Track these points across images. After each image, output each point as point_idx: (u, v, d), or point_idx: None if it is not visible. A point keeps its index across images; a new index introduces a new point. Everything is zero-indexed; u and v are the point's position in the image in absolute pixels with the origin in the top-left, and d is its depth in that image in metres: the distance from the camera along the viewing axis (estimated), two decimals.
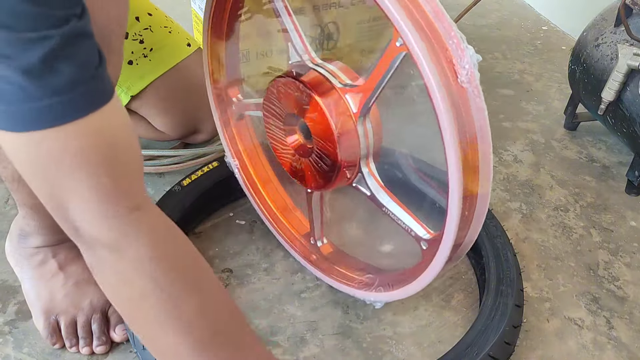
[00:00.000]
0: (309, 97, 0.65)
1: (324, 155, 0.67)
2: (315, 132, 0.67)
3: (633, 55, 0.93)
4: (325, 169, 0.68)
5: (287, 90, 0.68)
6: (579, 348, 0.77)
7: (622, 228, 0.97)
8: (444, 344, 0.76)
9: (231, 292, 0.82)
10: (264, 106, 0.73)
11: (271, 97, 0.71)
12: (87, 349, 0.72)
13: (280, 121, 0.71)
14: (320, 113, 0.64)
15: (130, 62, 0.95)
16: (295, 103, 0.68)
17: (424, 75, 0.51)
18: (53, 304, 0.73)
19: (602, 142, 1.18)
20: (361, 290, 0.75)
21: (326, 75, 0.66)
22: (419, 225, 0.65)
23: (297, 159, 0.72)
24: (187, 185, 0.88)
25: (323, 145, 0.66)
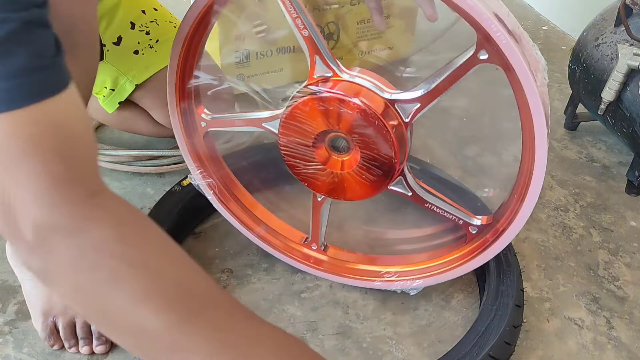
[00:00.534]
0: (365, 113, 0.64)
1: (375, 167, 0.68)
2: (365, 146, 0.66)
3: (633, 55, 0.93)
4: (372, 179, 0.69)
5: (328, 108, 0.65)
6: (579, 348, 0.77)
7: (622, 228, 0.97)
8: (444, 344, 0.76)
9: (231, 292, 0.82)
10: (283, 125, 0.69)
11: (299, 115, 0.68)
12: (87, 348, 0.72)
13: (309, 138, 0.69)
14: (378, 128, 0.64)
15: (136, 52, 0.96)
16: (339, 119, 0.66)
17: (525, 88, 0.58)
18: (52, 305, 0.73)
19: (602, 142, 1.18)
20: (396, 282, 0.78)
21: (373, 88, 0.66)
22: (469, 215, 0.73)
23: (328, 174, 0.71)
24: (187, 185, 0.88)
25: (375, 157, 0.67)
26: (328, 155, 0.70)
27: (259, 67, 1.21)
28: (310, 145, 0.69)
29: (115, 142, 1.08)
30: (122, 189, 0.99)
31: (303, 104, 0.66)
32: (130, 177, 1.01)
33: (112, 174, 1.01)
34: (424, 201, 0.73)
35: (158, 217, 0.82)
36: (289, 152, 0.71)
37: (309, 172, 0.72)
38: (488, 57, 0.59)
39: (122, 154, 1.01)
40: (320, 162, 0.71)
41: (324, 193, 0.74)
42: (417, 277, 0.78)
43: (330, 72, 0.67)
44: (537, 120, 0.59)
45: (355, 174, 0.69)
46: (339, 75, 0.66)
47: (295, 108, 0.67)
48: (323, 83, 0.66)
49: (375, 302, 0.81)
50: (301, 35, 0.65)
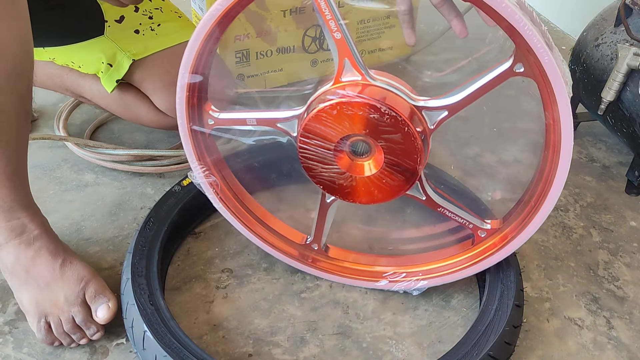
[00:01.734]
0: (394, 119, 0.64)
1: (398, 172, 0.68)
2: (390, 151, 0.66)
3: (633, 55, 0.93)
4: (393, 184, 0.69)
5: (357, 112, 0.65)
6: (579, 348, 0.77)
7: (622, 228, 0.97)
8: (444, 344, 0.76)
9: (231, 292, 0.82)
10: (305, 128, 0.68)
11: (325, 118, 0.66)
12: (85, 340, 0.73)
13: (332, 142, 0.68)
14: (406, 135, 0.64)
15: (136, 32, 0.97)
16: (367, 124, 0.65)
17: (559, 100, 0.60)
18: (38, 307, 0.73)
19: (602, 142, 1.18)
20: (399, 283, 0.79)
21: (401, 94, 0.66)
22: (479, 220, 0.75)
23: (347, 177, 0.71)
24: (187, 185, 0.88)
25: (399, 162, 0.67)
26: (350, 159, 0.70)
27: (259, 67, 1.21)
28: (332, 149, 0.69)
29: (115, 141, 1.08)
30: (122, 188, 0.99)
31: (331, 108, 0.65)
32: (130, 177, 1.01)
33: (112, 174, 1.01)
34: (436, 205, 0.74)
35: (158, 217, 0.82)
36: (308, 154, 0.70)
37: (326, 176, 0.71)
38: (524, 70, 0.60)
39: (122, 153, 1.01)
40: (341, 166, 0.70)
41: (339, 196, 0.73)
42: (421, 278, 0.78)
43: (359, 76, 0.66)
44: (566, 136, 0.61)
45: (376, 178, 0.69)
46: (367, 80, 0.66)
47: (321, 111, 0.66)
48: (351, 87, 0.66)
49: (375, 302, 0.81)
50: (333, 38, 0.64)
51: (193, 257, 0.87)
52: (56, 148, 1.06)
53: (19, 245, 0.73)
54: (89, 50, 0.96)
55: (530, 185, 0.72)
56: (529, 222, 0.70)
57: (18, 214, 0.73)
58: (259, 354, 0.74)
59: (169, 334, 0.68)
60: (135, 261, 0.76)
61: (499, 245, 0.74)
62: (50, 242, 0.75)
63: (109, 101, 1.01)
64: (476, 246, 0.76)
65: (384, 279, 0.80)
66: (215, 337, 0.76)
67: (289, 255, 0.83)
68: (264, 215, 0.85)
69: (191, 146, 0.78)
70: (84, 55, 0.97)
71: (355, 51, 0.65)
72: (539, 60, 0.57)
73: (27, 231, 0.73)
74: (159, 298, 0.72)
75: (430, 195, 0.73)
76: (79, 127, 1.12)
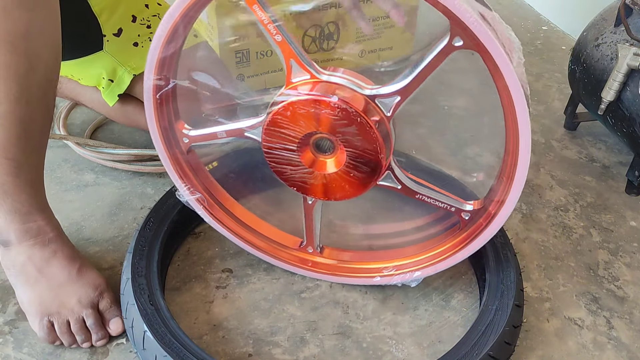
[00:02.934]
0: (346, 112, 0.64)
1: (361, 164, 0.68)
2: (350, 144, 0.67)
3: (633, 55, 0.93)
4: (360, 177, 0.69)
5: (309, 110, 0.65)
6: (579, 348, 0.77)
7: (622, 228, 0.97)
8: (444, 344, 0.76)
9: (231, 292, 0.82)
10: (266, 132, 0.69)
11: (281, 121, 0.67)
12: (87, 343, 0.73)
13: (294, 143, 0.69)
14: (361, 126, 0.64)
15: (135, 44, 0.97)
16: (321, 121, 0.66)
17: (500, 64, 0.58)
18: (44, 307, 0.73)
19: (602, 142, 1.18)
20: (395, 276, 0.78)
21: (351, 86, 0.66)
22: (460, 201, 0.74)
23: (315, 176, 0.71)
24: None
25: (360, 154, 0.67)
26: (314, 158, 0.70)
27: (259, 67, 1.21)
28: (295, 150, 0.70)
29: (116, 141, 1.08)
30: (122, 188, 0.99)
31: (284, 109, 0.66)
32: (130, 177, 1.01)
33: (112, 174, 1.01)
34: (414, 193, 0.73)
35: (158, 217, 0.82)
36: (275, 158, 0.71)
37: (296, 177, 0.72)
38: (463, 43, 0.59)
39: (122, 153, 1.01)
40: (307, 166, 0.71)
41: (315, 195, 0.74)
42: (415, 269, 0.78)
43: (308, 75, 0.66)
44: (517, 99, 0.60)
45: (343, 173, 0.70)
46: (316, 77, 0.66)
47: (276, 114, 0.67)
48: (301, 86, 0.66)
49: (375, 302, 0.81)
50: (274, 41, 0.65)
51: (193, 257, 0.87)
52: (56, 148, 1.06)
53: (33, 245, 0.74)
54: (89, 66, 0.96)
55: (502, 160, 0.72)
56: (507, 196, 0.69)
57: (35, 217, 0.74)
58: (259, 354, 0.74)
59: (169, 334, 0.68)
60: (135, 261, 0.76)
61: (484, 224, 0.73)
62: (65, 245, 0.77)
63: (109, 110, 1.02)
64: (463, 229, 0.75)
65: (378, 274, 0.80)
66: (215, 337, 0.76)
67: (286, 261, 0.84)
68: (256, 223, 0.85)
69: (172, 167, 0.78)
70: (84, 70, 0.97)
71: (298, 50, 0.65)
72: (469, 29, 0.56)
73: (42, 233, 0.74)
74: (159, 298, 0.72)
75: (406, 183, 0.72)
76: (79, 127, 1.12)
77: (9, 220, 0.72)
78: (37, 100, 0.65)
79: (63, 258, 0.75)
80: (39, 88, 0.65)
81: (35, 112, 0.66)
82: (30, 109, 0.65)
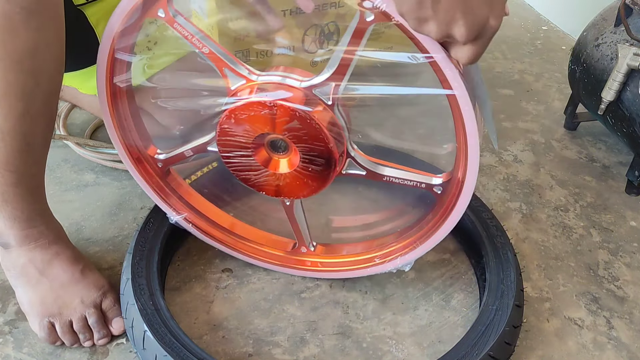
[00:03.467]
0: (283, 109, 0.64)
1: (315, 157, 0.67)
2: (298, 139, 0.66)
3: (633, 55, 0.93)
4: (319, 170, 0.69)
5: (250, 114, 0.66)
6: (579, 348, 0.77)
7: (622, 228, 0.97)
8: (444, 344, 0.76)
9: (231, 292, 0.82)
10: (219, 143, 0.70)
11: (228, 130, 0.68)
12: (89, 342, 0.73)
13: (248, 149, 0.70)
14: (301, 119, 0.64)
15: None
16: (265, 122, 0.66)
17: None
18: (45, 308, 0.73)
19: (602, 142, 1.18)
20: (387, 264, 0.77)
21: (285, 82, 0.65)
22: (428, 176, 0.72)
23: (278, 177, 0.71)
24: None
25: (311, 148, 0.67)
26: (270, 159, 0.71)
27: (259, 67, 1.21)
28: (251, 155, 0.70)
29: None
30: (122, 188, 0.99)
31: (227, 118, 0.67)
32: (130, 177, 1.00)
33: (112, 174, 1.01)
34: (380, 176, 0.72)
35: (158, 217, 0.82)
36: (235, 166, 0.72)
37: (261, 181, 0.73)
38: (374, 17, 0.58)
39: None
40: (266, 168, 0.71)
41: (284, 196, 0.74)
42: (404, 253, 0.77)
43: (243, 80, 0.66)
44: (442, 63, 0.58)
45: (302, 169, 0.69)
46: (251, 80, 0.66)
47: (222, 124, 0.68)
48: (241, 92, 0.66)
49: (375, 302, 0.81)
50: (203, 53, 0.65)
51: (193, 257, 0.87)
52: (56, 148, 1.06)
53: (34, 248, 0.74)
54: (87, 77, 0.96)
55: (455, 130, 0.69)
56: (467, 160, 0.66)
57: (34, 223, 0.74)
58: (259, 354, 0.74)
59: (169, 334, 0.68)
60: (135, 261, 0.76)
61: (456, 193, 0.71)
62: (67, 248, 0.77)
63: None
64: (438, 204, 0.74)
65: (371, 263, 0.79)
66: (215, 337, 0.76)
67: (283, 264, 0.84)
68: (247, 232, 0.85)
69: (153, 192, 0.80)
70: (83, 81, 0.97)
71: (228, 58, 0.65)
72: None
73: (42, 237, 0.75)
74: (159, 298, 0.72)
75: (370, 167, 0.71)
76: (79, 127, 1.12)
77: (8, 226, 0.73)
78: (40, 115, 0.65)
79: (65, 260, 0.75)
80: (43, 103, 0.65)
81: (38, 125, 0.66)
82: (34, 124, 0.65)
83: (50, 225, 0.76)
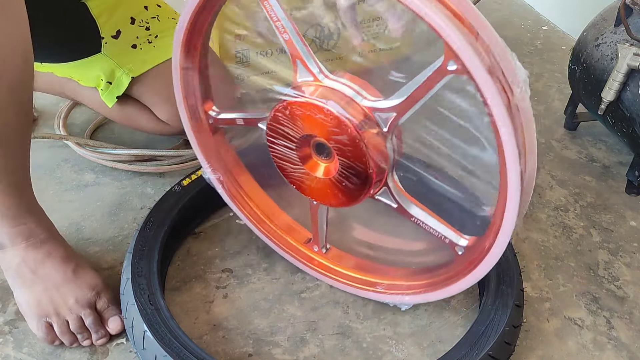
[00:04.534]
0: (337, 120, 0.62)
1: (352, 175, 0.66)
2: (342, 153, 0.65)
3: (633, 55, 0.93)
4: (351, 188, 0.68)
5: (305, 113, 0.65)
6: (579, 348, 0.77)
7: (622, 228, 0.97)
8: (444, 344, 0.76)
9: (231, 292, 0.82)
10: (269, 127, 0.69)
11: (281, 118, 0.67)
12: (88, 341, 0.73)
13: (293, 142, 0.69)
14: (352, 136, 0.63)
15: (134, 46, 0.96)
16: (316, 125, 0.65)
17: (489, 101, 0.53)
18: (40, 309, 0.73)
19: (602, 142, 1.18)
20: (387, 295, 0.76)
21: (352, 95, 0.64)
22: (456, 234, 0.68)
23: (312, 178, 0.70)
24: (187, 185, 0.88)
25: (352, 165, 0.65)
26: (311, 160, 0.70)
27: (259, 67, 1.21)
28: (294, 149, 0.69)
29: (115, 141, 1.08)
30: (122, 188, 0.99)
31: (283, 108, 0.66)
32: (130, 177, 1.01)
33: (112, 174, 1.01)
34: (409, 215, 0.70)
35: (158, 217, 0.82)
36: (276, 153, 0.71)
37: (295, 175, 0.72)
38: (457, 68, 0.54)
39: (122, 153, 1.01)
40: (304, 166, 0.70)
41: (311, 197, 0.73)
42: (406, 293, 0.76)
43: (312, 77, 0.65)
44: (506, 136, 0.54)
45: (336, 180, 0.68)
46: (319, 80, 0.65)
47: (277, 111, 0.67)
48: (305, 87, 0.66)
49: (375, 302, 0.81)
50: (282, 39, 0.64)
51: (193, 257, 0.87)
52: (56, 148, 1.06)
53: (26, 248, 0.74)
54: (87, 68, 0.96)
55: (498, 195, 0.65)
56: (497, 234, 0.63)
57: (24, 220, 0.73)
58: (259, 354, 0.74)
59: (169, 334, 0.68)
60: (135, 261, 0.76)
61: (477, 261, 0.68)
62: (59, 246, 0.76)
63: (108, 111, 1.02)
64: (455, 264, 0.71)
65: (373, 288, 0.79)
66: (215, 337, 0.76)
67: (292, 254, 0.83)
68: (272, 211, 0.84)
69: (196, 143, 0.79)
70: (83, 72, 0.97)
71: (305, 52, 0.64)
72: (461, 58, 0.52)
73: (33, 235, 0.74)
74: (159, 298, 0.72)
75: (402, 203, 0.69)
76: (79, 127, 1.12)
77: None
78: (9, 105, 0.65)
79: (57, 259, 0.75)
80: (10, 92, 0.64)
81: (8, 116, 0.65)
82: (3, 114, 0.65)
83: (40, 223, 0.75)
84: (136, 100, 0.99)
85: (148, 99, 0.98)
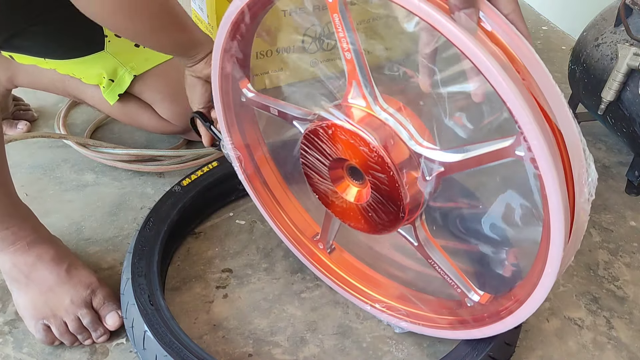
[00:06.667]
0: (381, 160, 0.59)
1: (381, 211, 0.64)
2: (377, 188, 0.62)
3: (633, 55, 0.93)
4: (377, 221, 0.66)
5: (349, 140, 0.61)
6: (579, 348, 0.77)
7: (622, 228, 0.97)
8: (444, 344, 0.76)
9: (231, 292, 0.82)
10: (305, 137, 0.66)
11: (322, 135, 0.64)
12: (89, 340, 0.73)
13: (327, 159, 0.66)
14: (391, 177, 0.60)
15: (137, 45, 0.96)
16: (357, 154, 0.62)
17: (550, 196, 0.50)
18: (37, 311, 0.73)
19: (602, 142, 1.18)
20: (385, 313, 0.76)
21: (404, 137, 0.60)
22: (469, 287, 0.68)
23: (338, 197, 0.68)
24: (187, 185, 0.88)
25: (383, 202, 0.63)
26: (343, 181, 0.68)
27: (259, 67, 1.21)
28: (327, 166, 0.67)
29: (116, 141, 1.08)
30: (122, 188, 0.99)
31: (327, 127, 0.63)
32: (130, 176, 1.01)
33: (112, 173, 1.01)
34: (427, 256, 0.68)
35: (158, 217, 0.82)
36: (307, 161, 0.69)
37: (321, 188, 0.70)
38: (524, 155, 0.51)
39: (122, 152, 1.01)
40: (334, 185, 0.68)
41: (332, 212, 0.71)
42: (403, 318, 0.75)
43: (364, 103, 0.61)
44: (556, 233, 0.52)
45: (363, 208, 0.66)
46: (371, 109, 0.61)
47: (319, 126, 0.63)
48: (355, 111, 0.62)
49: None
50: (344, 57, 0.60)
51: (193, 257, 0.87)
52: (56, 148, 1.06)
53: (14, 252, 0.74)
54: (90, 65, 0.97)
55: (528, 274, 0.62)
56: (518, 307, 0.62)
57: (5, 225, 0.72)
58: (259, 354, 0.74)
59: (169, 333, 0.68)
60: (135, 261, 0.76)
61: (484, 320, 0.67)
62: (49, 247, 0.76)
63: (111, 109, 1.02)
64: (462, 309, 0.70)
65: (371, 303, 0.77)
66: (215, 337, 0.76)
67: (297, 247, 0.83)
68: (285, 200, 0.83)
69: (222, 115, 0.76)
70: (85, 69, 0.97)
71: (363, 76, 0.60)
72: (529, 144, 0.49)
73: (19, 239, 0.73)
74: (159, 298, 0.72)
75: (423, 244, 0.67)
76: (79, 127, 1.12)
77: None
78: None
79: (49, 261, 0.75)
80: None
81: None
82: None
83: (24, 225, 0.74)
84: (138, 98, 1.00)
85: (150, 97, 0.99)
